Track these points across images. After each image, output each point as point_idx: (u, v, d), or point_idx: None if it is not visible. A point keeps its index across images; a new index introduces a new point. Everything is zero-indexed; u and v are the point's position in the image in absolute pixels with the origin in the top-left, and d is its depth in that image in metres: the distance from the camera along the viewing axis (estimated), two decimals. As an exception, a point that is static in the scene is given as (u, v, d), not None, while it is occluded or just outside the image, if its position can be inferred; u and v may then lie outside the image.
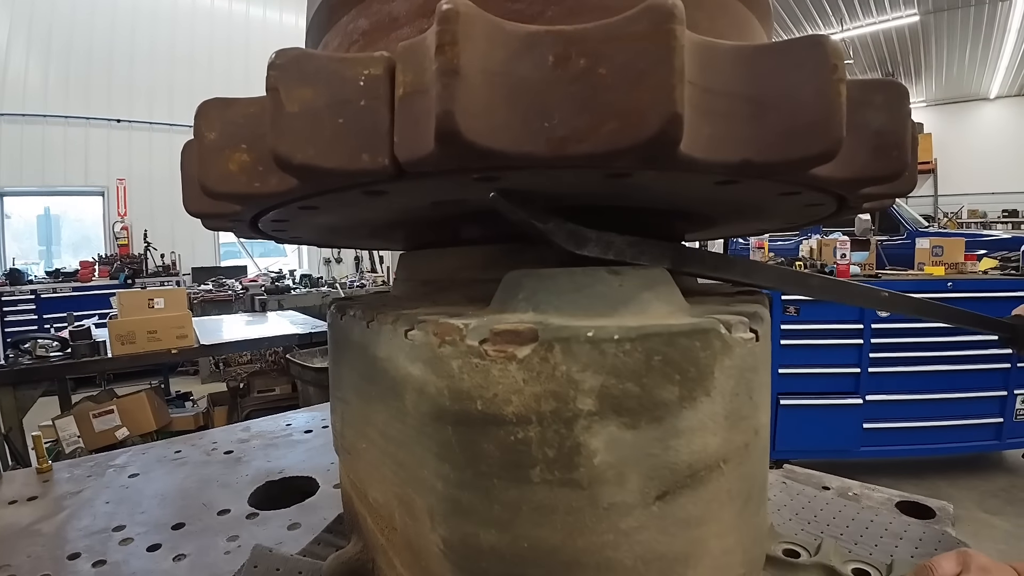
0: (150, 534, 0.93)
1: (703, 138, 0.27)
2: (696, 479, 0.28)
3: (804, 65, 0.28)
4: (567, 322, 0.28)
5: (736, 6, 0.49)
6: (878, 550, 0.83)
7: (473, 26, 0.24)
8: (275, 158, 0.29)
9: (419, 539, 0.37)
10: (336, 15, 0.51)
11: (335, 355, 0.58)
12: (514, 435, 0.27)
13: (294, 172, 0.30)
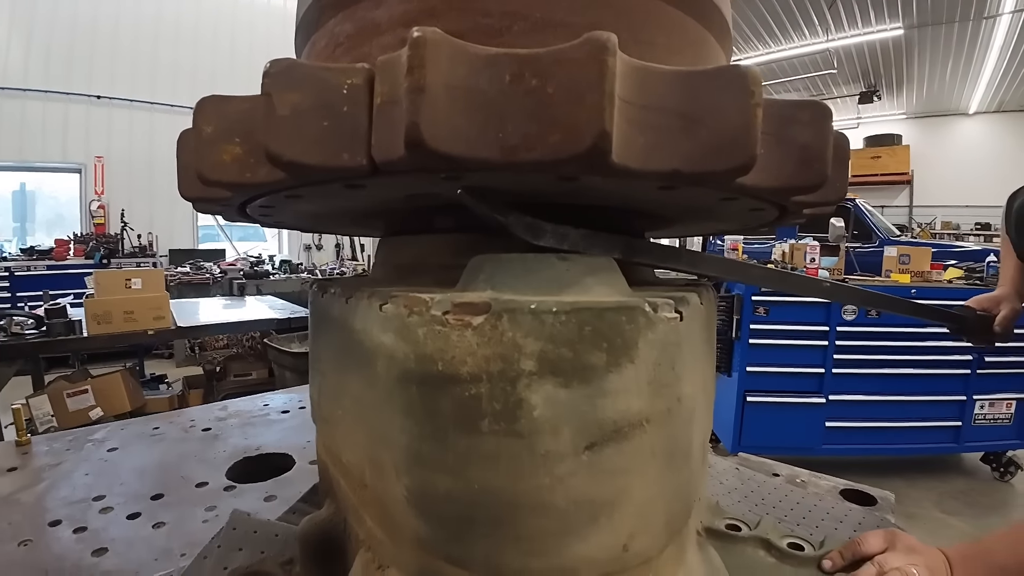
0: (129, 504, 0.96)
1: (638, 148, 0.32)
2: (620, 434, 0.33)
3: (729, 89, 0.33)
4: (516, 297, 0.33)
5: (694, 26, 0.54)
6: (818, 531, 0.90)
7: (439, 50, 0.29)
8: (267, 155, 0.33)
9: (386, 492, 0.41)
10: (324, 17, 0.55)
11: (315, 331, 0.62)
12: (468, 391, 0.32)
13: (283, 167, 0.34)
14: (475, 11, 0.43)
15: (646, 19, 0.48)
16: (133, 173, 8.41)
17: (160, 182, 8.76)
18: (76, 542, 0.85)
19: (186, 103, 8.85)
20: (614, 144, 0.29)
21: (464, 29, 0.42)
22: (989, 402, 3.49)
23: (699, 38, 0.54)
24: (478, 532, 0.35)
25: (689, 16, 0.52)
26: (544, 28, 0.41)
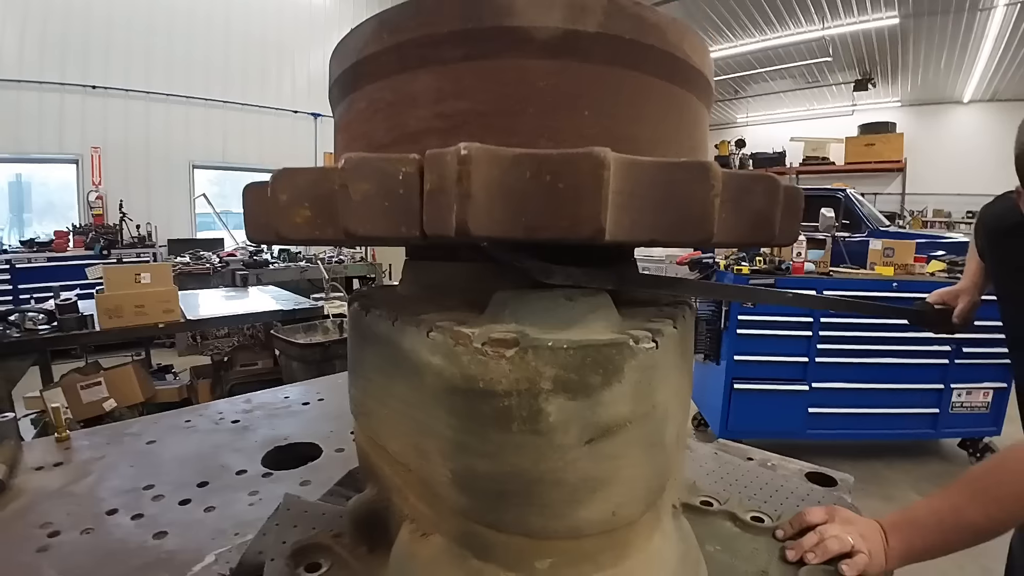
0: (178, 491, 1.08)
1: (625, 226, 0.44)
2: (611, 432, 0.45)
3: (695, 180, 0.45)
4: (537, 334, 0.45)
5: (682, 94, 0.65)
6: (782, 507, 1.03)
7: (480, 161, 0.41)
8: (345, 232, 0.45)
9: (431, 474, 0.54)
10: (363, 81, 0.65)
11: (357, 342, 0.74)
12: (502, 403, 0.45)
13: (357, 240, 0.46)
14: (494, 95, 0.55)
15: (637, 93, 0.59)
16: (130, 163, 8.45)
17: (157, 171, 8.80)
18: (136, 527, 0.95)
19: (181, 92, 8.89)
20: (607, 227, 0.41)
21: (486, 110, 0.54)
22: (966, 391, 3.65)
23: (683, 102, 0.65)
24: (510, 502, 0.47)
25: (676, 85, 0.64)
26: (563, 140, 0.53)
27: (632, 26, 0.56)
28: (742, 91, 16.52)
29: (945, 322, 1.36)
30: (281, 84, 10.32)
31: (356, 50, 0.65)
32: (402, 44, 0.58)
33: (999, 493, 0.77)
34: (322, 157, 10.90)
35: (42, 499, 1.06)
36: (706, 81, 0.69)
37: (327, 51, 0.72)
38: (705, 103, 0.72)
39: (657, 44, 0.58)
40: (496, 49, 0.54)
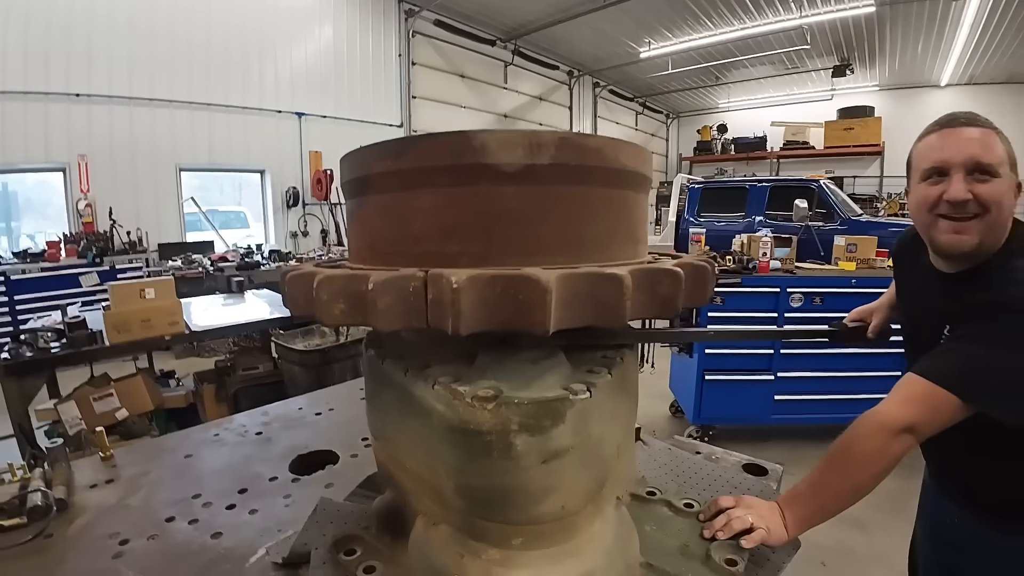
0: (223, 498, 1.27)
1: (565, 318, 0.66)
2: (559, 455, 0.68)
3: (614, 286, 0.67)
4: (508, 392, 0.67)
5: (620, 193, 0.86)
6: (718, 494, 1.26)
7: (466, 288, 0.63)
8: (372, 328, 0.67)
9: (439, 485, 0.76)
10: (373, 190, 0.86)
11: (374, 382, 0.95)
12: (486, 438, 0.67)
13: (381, 332, 0.68)
14: (475, 211, 0.76)
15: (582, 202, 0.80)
16: (117, 169, 8.50)
17: (144, 176, 8.86)
18: (194, 531, 1.13)
19: (164, 95, 8.93)
20: (551, 326, 0.63)
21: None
22: (923, 374, 3.92)
23: (620, 199, 0.87)
24: (494, 503, 0.70)
25: (614, 188, 0.85)
26: (532, 256, 0.75)
27: (576, 154, 0.78)
28: (723, 77, 16.73)
29: (860, 338, 1.57)
30: (264, 83, 10.35)
31: (365, 165, 0.86)
32: (404, 169, 0.79)
33: (851, 456, 1.00)
34: (307, 156, 10.97)
35: (104, 513, 1.22)
36: (641, 176, 0.91)
37: (309, 48, 0.88)
38: (641, 191, 0.94)
39: (597, 163, 0.80)
40: (476, 179, 0.75)
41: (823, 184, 7.40)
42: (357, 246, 0.93)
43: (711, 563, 0.90)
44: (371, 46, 11.89)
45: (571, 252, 0.75)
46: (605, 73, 16.25)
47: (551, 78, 15.76)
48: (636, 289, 0.70)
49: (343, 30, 11.46)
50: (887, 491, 3.83)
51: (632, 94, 18.63)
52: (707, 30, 12.75)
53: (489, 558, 0.74)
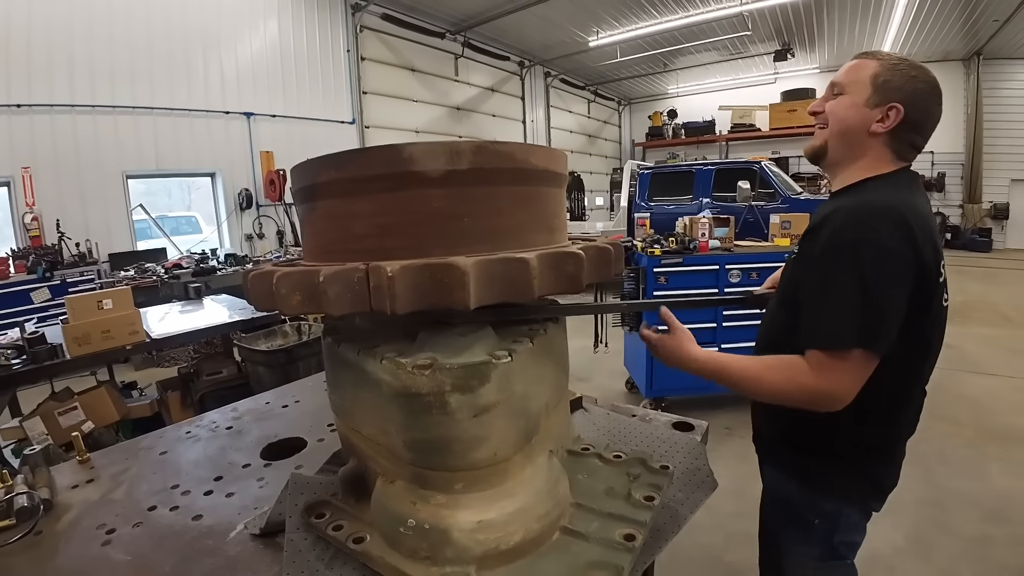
0: (201, 485, 1.38)
1: (484, 296, 0.80)
2: (487, 409, 0.82)
3: (521, 268, 0.82)
4: (442, 359, 0.81)
5: (533, 190, 1.01)
6: (650, 449, 1.44)
7: (398, 275, 0.76)
8: (324, 314, 0.80)
9: (392, 444, 0.90)
10: (320, 197, 0.99)
11: (333, 364, 1.08)
12: (425, 399, 0.81)
13: (332, 317, 0.81)
14: (407, 212, 0.90)
15: (498, 200, 0.95)
16: (62, 180, 8.26)
17: (90, 186, 8.62)
18: (176, 515, 1.23)
19: (107, 102, 8.69)
20: (471, 302, 0.77)
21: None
22: (856, 336, 4.24)
23: (534, 195, 1.02)
24: (436, 454, 0.85)
25: (528, 186, 1.00)
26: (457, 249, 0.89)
27: (491, 158, 0.92)
28: (671, 64, 17.11)
29: (765, 303, 1.75)
30: (210, 84, 10.14)
31: (311, 175, 0.99)
32: (346, 179, 0.92)
33: (775, 373, 1.14)
34: (259, 156, 10.81)
35: (89, 508, 1.30)
36: (552, 174, 1.06)
37: (255, 47, 0.95)
38: (554, 186, 1.08)
39: (509, 165, 0.95)
40: (406, 184, 0.89)
41: (764, 166, 7.75)
42: (310, 246, 1.05)
43: (631, 499, 1.06)
44: (318, 42, 11.75)
45: (491, 242, 0.89)
46: (556, 62, 16.42)
47: (502, 69, 15.83)
48: (544, 269, 0.85)
49: (288, 27, 11.29)
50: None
51: (583, 82, 18.86)
52: (652, 18, 13.03)
53: (437, 503, 0.88)
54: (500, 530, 0.87)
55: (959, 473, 3.62)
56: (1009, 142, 15.97)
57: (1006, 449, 3.90)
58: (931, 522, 3.12)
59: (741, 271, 3.79)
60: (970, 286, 9.99)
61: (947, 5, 11.96)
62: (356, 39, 12.16)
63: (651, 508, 1.04)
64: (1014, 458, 3.77)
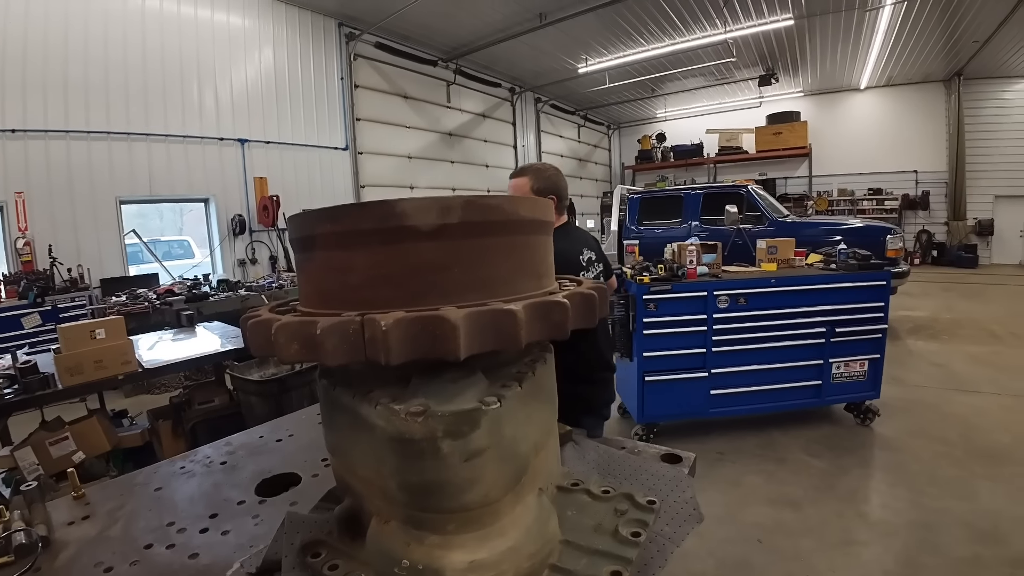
0: (197, 523, 1.39)
1: (474, 346, 0.84)
2: (478, 454, 0.86)
3: (509, 319, 0.86)
4: (434, 407, 0.86)
5: (522, 239, 1.06)
6: (638, 482, 1.47)
7: (391, 328, 0.81)
8: (320, 364, 0.84)
9: (386, 485, 0.94)
10: (317, 248, 1.03)
11: (329, 406, 1.12)
12: (418, 445, 0.85)
13: (328, 367, 0.85)
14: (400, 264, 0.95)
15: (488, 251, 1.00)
16: (56, 205, 8.31)
17: (83, 211, 8.66)
18: (172, 554, 1.24)
19: (101, 127, 8.76)
20: (461, 353, 0.82)
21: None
22: (844, 363, 4.32)
23: (523, 243, 1.07)
24: (430, 496, 0.88)
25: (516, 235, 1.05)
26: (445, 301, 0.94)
27: (480, 212, 0.98)
28: (659, 89, 17.46)
29: None
30: (204, 111, 10.26)
31: (309, 227, 1.03)
32: (341, 232, 0.97)
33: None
34: (252, 182, 10.89)
35: (86, 546, 1.31)
36: (538, 222, 1.12)
37: (250, 74, 0.98)
38: (541, 234, 1.14)
39: (497, 218, 1.00)
40: (400, 238, 0.94)
41: (751, 189, 7.91)
42: (306, 291, 1.10)
43: (619, 536, 1.10)
44: (312, 70, 11.92)
45: (480, 291, 0.94)
46: (546, 88, 16.71)
47: (493, 95, 16.08)
48: (531, 318, 0.90)
49: (283, 55, 11.46)
50: (817, 470, 4.20)
51: (573, 107, 19.17)
52: (640, 46, 13.34)
53: (430, 543, 0.92)
54: (492, 569, 0.90)
55: (949, 494, 3.66)
56: (992, 159, 16.32)
57: (995, 468, 3.95)
58: (921, 544, 3.15)
59: (729, 297, 3.87)
60: (957, 303, 10.14)
61: (927, 28, 12.33)
62: (350, 67, 12.36)
63: (637, 544, 1.07)
64: (1003, 477, 3.82)
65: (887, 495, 3.72)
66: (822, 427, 4.63)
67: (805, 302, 4.09)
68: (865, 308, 4.26)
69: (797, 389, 4.23)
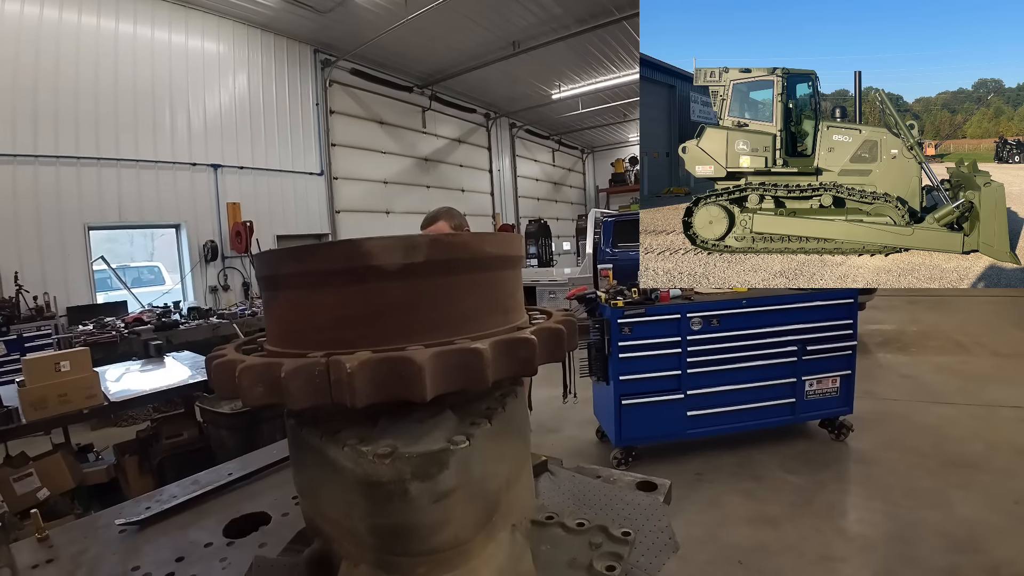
0: (162, 567, 1.34)
1: (441, 386, 0.84)
2: (447, 495, 0.86)
3: (475, 358, 0.87)
4: (402, 448, 0.85)
5: (488, 275, 1.07)
6: (613, 512, 1.47)
7: (357, 371, 0.81)
8: (287, 407, 0.84)
9: (356, 528, 0.92)
10: (283, 286, 1.03)
11: (296, 446, 1.10)
12: (386, 488, 0.84)
13: (293, 410, 0.84)
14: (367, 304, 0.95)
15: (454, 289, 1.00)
16: (21, 231, 8.11)
17: (50, 237, 8.46)
18: None
19: (70, 152, 8.61)
20: (428, 394, 0.82)
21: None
22: (816, 380, 4.39)
23: (489, 280, 1.08)
24: (399, 538, 0.87)
25: (483, 272, 1.06)
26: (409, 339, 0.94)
27: (445, 251, 0.98)
28: (630, 114, 17.84)
29: None
30: (176, 136, 10.16)
31: (275, 266, 1.03)
32: (307, 271, 0.97)
33: None
34: (225, 207, 10.77)
35: None
36: (506, 258, 1.12)
37: (224, 99, 0.98)
38: (508, 268, 1.15)
39: (464, 255, 1.01)
40: (366, 278, 0.94)
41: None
42: (273, 330, 1.09)
43: (593, 571, 1.09)
44: (288, 96, 11.91)
45: (447, 329, 0.95)
46: (520, 114, 16.94)
47: (469, 121, 16.25)
48: (498, 356, 0.91)
49: (258, 80, 11.44)
50: (794, 486, 4.22)
51: (548, 132, 19.45)
52: (611, 73, 13.66)
53: (400, 587, 0.90)
54: (463, 612, 0.89)
55: (925, 504, 3.72)
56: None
57: (969, 476, 4.02)
58: (899, 557, 3.19)
59: (702, 319, 3.92)
60: (923, 315, 10.40)
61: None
62: (325, 93, 12.39)
63: (610, 579, 1.07)
64: (976, 485, 3.90)
65: (864, 508, 3.76)
66: (798, 443, 4.69)
67: (776, 321, 4.17)
68: (835, 326, 4.36)
69: (772, 407, 4.28)
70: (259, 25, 11.06)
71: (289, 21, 11.04)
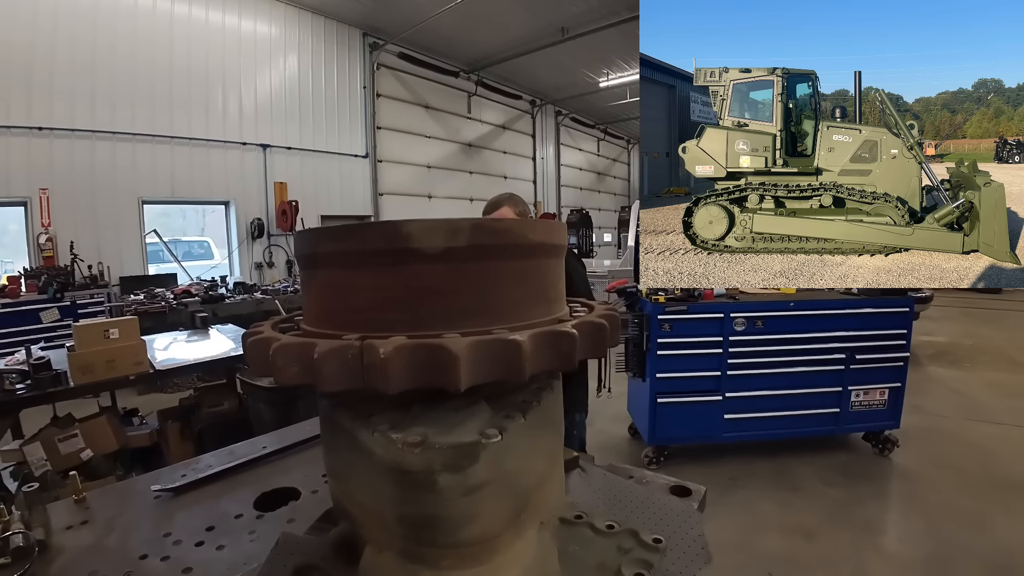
0: (192, 536, 1.37)
1: (477, 376, 0.81)
2: (477, 488, 0.83)
3: (513, 350, 0.83)
4: (433, 437, 0.82)
5: (531, 263, 1.03)
6: (644, 516, 1.42)
7: (392, 356, 0.78)
8: (320, 389, 0.82)
9: (383, 514, 0.90)
10: (320, 265, 1.01)
11: (328, 429, 1.09)
12: (416, 477, 0.82)
13: (326, 392, 0.83)
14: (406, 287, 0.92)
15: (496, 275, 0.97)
16: (78, 203, 8.46)
17: (105, 210, 8.80)
18: (167, 567, 1.23)
19: (126, 128, 8.93)
20: (462, 384, 0.79)
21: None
22: (863, 391, 4.21)
23: (532, 268, 1.04)
24: (426, 529, 0.85)
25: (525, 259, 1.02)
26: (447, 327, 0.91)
27: (489, 235, 0.95)
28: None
29: None
30: (228, 116, 10.41)
31: (314, 244, 1.01)
32: (345, 251, 0.95)
33: None
34: (272, 187, 11.01)
35: (81, 553, 1.31)
36: (550, 246, 1.08)
37: (274, 81, 0.97)
38: (552, 257, 1.10)
39: (507, 242, 0.97)
40: (405, 260, 0.91)
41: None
42: (310, 309, 1.07)
43: (621, 575, 1.06)
44: (336, 78, 12.06)
45: (486, 317, 0.91)
46: (566, 102, 16.74)
47: (514, 107, 16.16)
48: (537, 349, 0.87)
49: (308, 63, 11.61)
50: (832, 498, 4.08)
51: (593, 121, 19.18)
52: (662, 61, 13.30)
53: (424, 578, 0.88)
54: (487, 608, 0.86)
55: (966, 527, 3.56)
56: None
57: (1014, 500, 3.83)
58: (937, 581, 3.05)
59: (746, 319, 3.80)
60: (978, 329, 9.90)
61: None
62: (373, 76, 12.49)
63: (641, 585, 1.03)
64: (1021, 509, 3.70)
65: (903, 527, 3.61)
66: (838, 454, 4.52)
67: (824, 327, 4.00)
68: (887, 335, 4.16)
69: (814, 416, 4.12)
70: (309, 8, 11.20)
71: (339, 4, 11.15)
